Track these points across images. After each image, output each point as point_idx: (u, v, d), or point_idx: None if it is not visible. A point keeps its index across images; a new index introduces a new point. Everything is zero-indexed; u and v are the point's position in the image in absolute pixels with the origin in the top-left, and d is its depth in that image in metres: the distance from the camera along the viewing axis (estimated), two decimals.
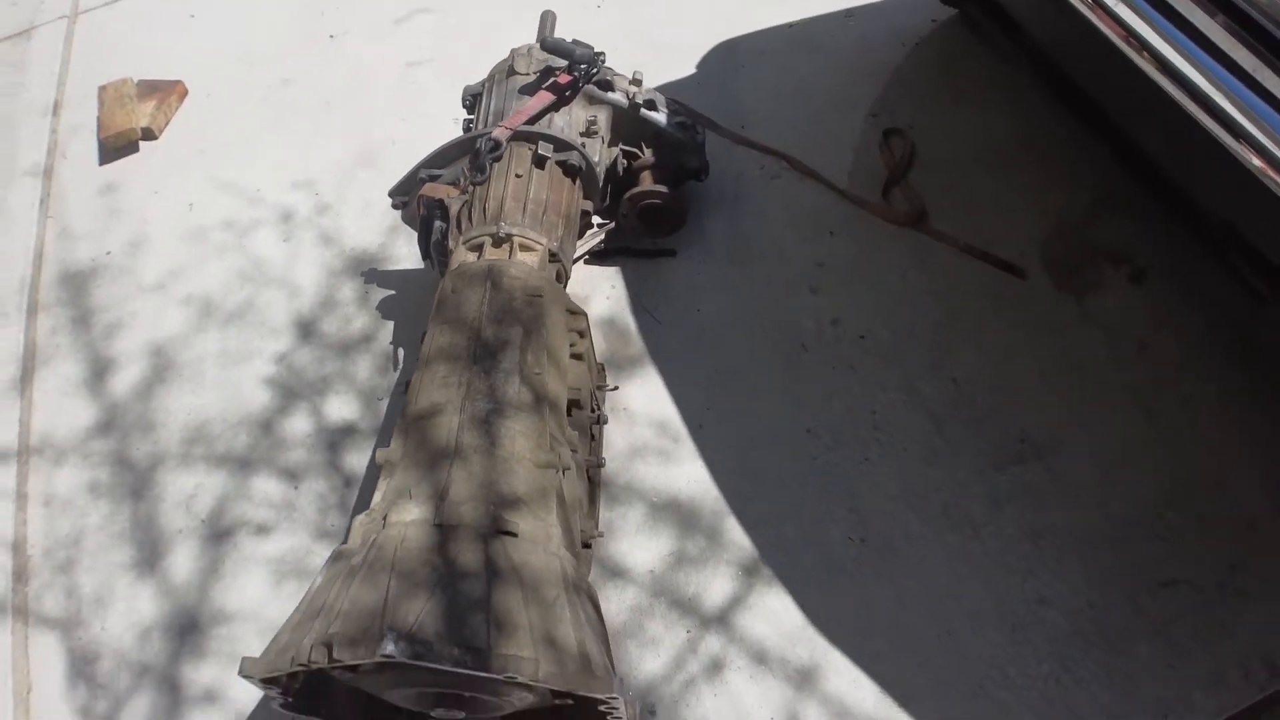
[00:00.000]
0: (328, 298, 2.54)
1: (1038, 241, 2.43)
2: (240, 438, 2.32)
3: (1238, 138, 1.46)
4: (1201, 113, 1.51)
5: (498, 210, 1.98)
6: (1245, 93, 1.47)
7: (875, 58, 2.98)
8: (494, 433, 1.61)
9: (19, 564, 2.20)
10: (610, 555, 2.00)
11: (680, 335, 2.34)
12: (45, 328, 2.63)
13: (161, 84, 3.12)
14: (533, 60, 2.27)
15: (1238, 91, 1.49)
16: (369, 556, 1.46)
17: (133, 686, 1.98)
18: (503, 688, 1.42)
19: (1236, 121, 1.47)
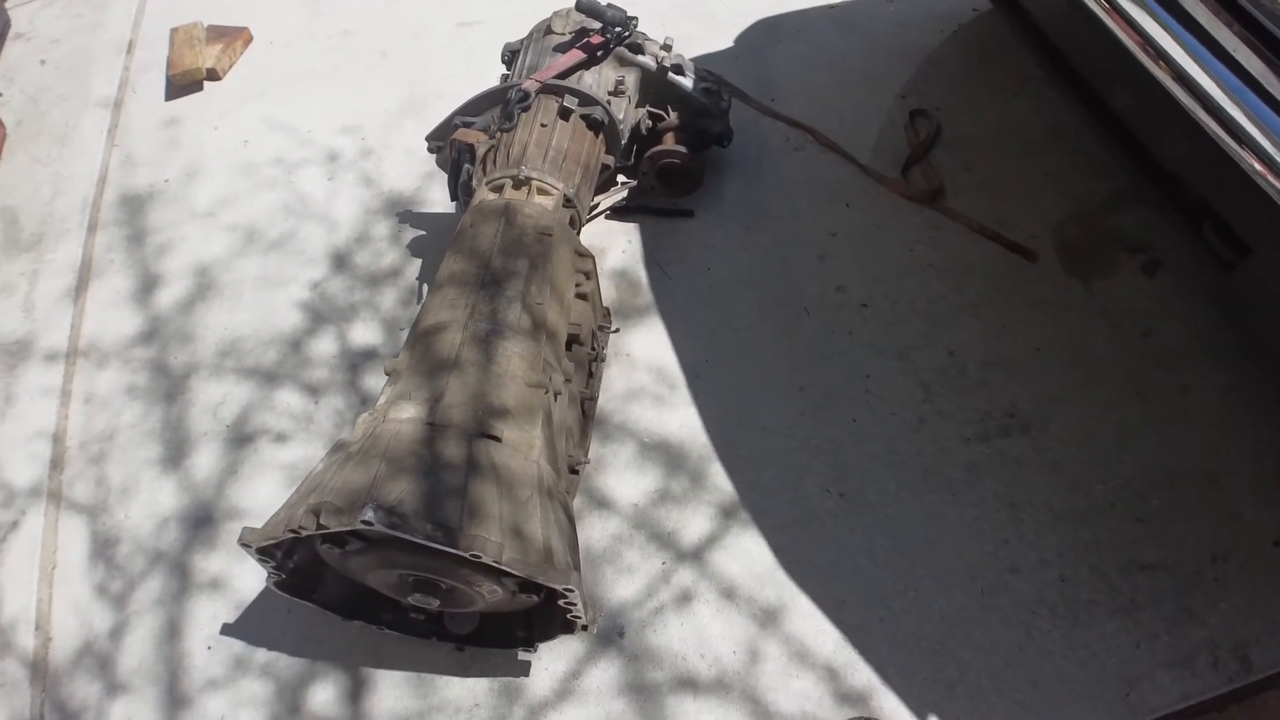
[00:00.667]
0: (363, 234, 2.69)
1: (1052, 226, 2.49)
2: (270, 354, 2.47)
3: (1239, 141, 1.51)
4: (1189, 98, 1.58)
5: (520, 155, 2.11)
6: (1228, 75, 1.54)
7: (912, 41, 3.06)
8: (492, 350, 1.73)
9: (57, 453, 2.38)
10: (598, 487, 2.12)
11: (688, 291, 2.45)
12: (102, 244, 2.82)
13: (229, 29, 3.30)
14: (569, 21, 2.39)
15: (1224, 77, 1.55)
16: (365, 445, 1.59)
17: (146, 570, 2.14)
18: (474, 577, 1.55)
19: (1231, 116, 1.52)
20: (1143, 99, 1.70)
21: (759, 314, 2.39)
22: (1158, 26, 1.65)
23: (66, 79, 3.39)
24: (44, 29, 3.65)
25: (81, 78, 3.37)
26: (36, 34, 3.64)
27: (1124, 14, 1.69)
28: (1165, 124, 1.67)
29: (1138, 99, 1.78)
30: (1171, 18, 1.63)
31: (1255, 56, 1.49)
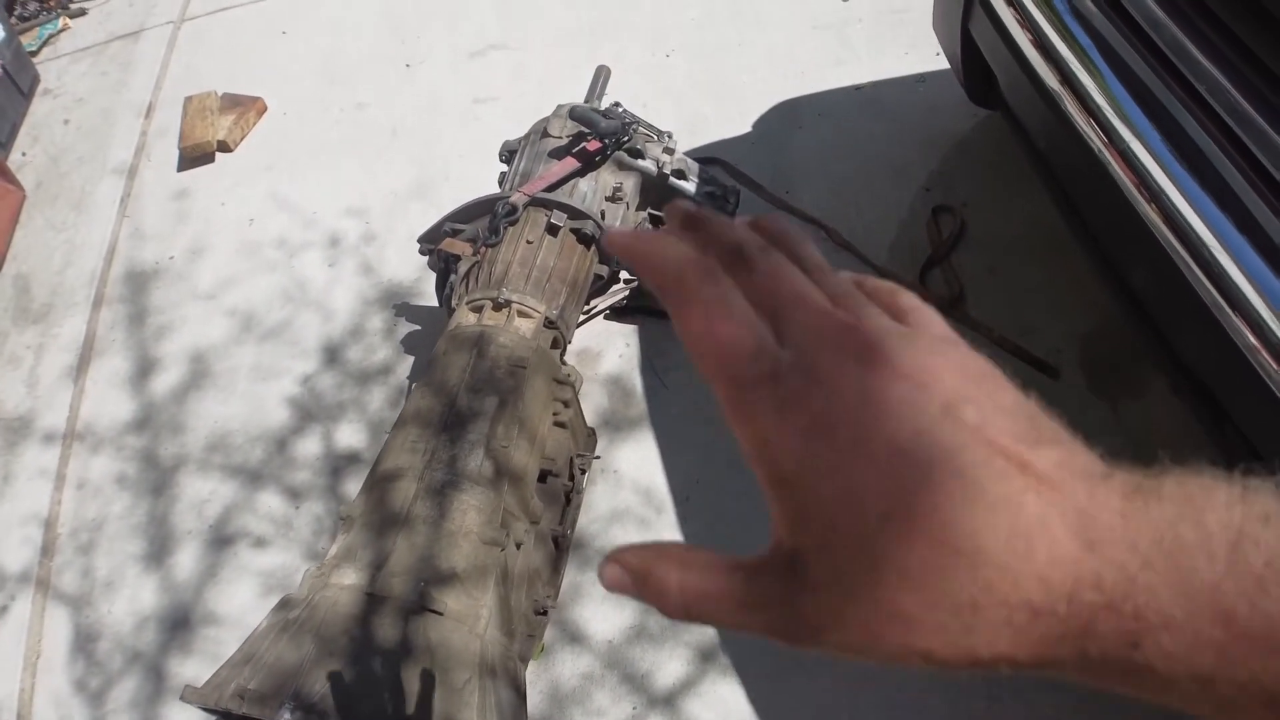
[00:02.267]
0: (358, 326, 2.64)
1: (1079, 338, 2.35)
2: (256, 451, 2.43)
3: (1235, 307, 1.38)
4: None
5: (502, 275, 2.03)
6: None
7: (941, 127, 2.92)
8: (446, 505, 1.66)
9: (48, 539, 2.38)
10: (572, 619, 2.03)
11: (684, 402, 2.35)
12: (106, 321, 2.81)
13: (243, 99, 3.28)
14: (566, 124, 2.31)
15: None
16: (302, 615, 1.53)
17: (124, 669, 2.12)
18: None
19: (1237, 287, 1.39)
20: (1142, 258, 1.56)
21: None
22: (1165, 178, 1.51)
23: (87, 140, 3.41)
24: (71, 86, 3.69)
25: (102, 140, 3.38)
26: (64, 90, 3.68)
27: (1122, 151, 1.55)
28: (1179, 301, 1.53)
29: (1140, 263, 1.64)
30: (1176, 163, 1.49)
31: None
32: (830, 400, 0.32)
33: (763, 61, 3.20)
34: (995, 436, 0.31)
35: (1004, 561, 0.30)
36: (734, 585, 0.35)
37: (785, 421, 0.32)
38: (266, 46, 3.65)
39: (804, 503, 0.32)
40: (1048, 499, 0.30)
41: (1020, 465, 0.30)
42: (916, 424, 0.31)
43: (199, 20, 3.82)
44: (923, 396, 0.32)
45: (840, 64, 3.14)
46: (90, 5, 4.11)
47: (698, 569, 0.36)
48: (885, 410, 0.31)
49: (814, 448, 0.32)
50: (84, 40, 3.93)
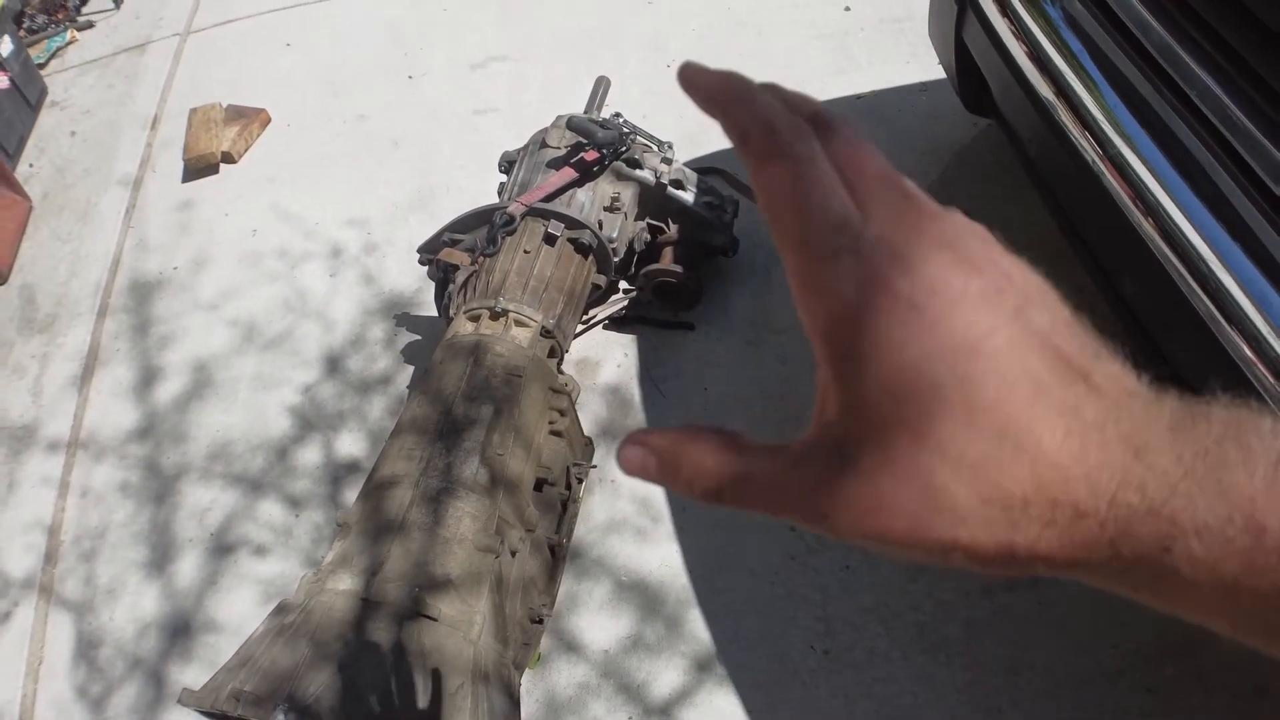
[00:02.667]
0: (358, 336, 2.65)
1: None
2: (257, 460, 2.44)
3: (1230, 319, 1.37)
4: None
5: (499, 284, 2.04)
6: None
7: (942, 135, 2.92)
8: (441, 511, 1.66)
9: (51, 546, 2.40)
10: (569, 628, 2.03)
11: (683, 411, 2.35)
12: (110, 331, 2.83)
13: (247, 110, 3.31)
14: (565, 134, 2.32)
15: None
16: (298, 619, 1.53)
17: (124, 676, 2.13)
18: None
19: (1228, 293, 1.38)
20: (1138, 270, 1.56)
21: None
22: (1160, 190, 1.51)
23: (93, 152, 3.44)
24: (78, 98, 3.72)
25: (107, 152, 3.41)
26: (71, 103, 3.71)
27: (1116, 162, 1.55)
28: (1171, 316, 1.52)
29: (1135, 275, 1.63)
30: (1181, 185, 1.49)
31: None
32: (915, 285, 0.32)
33: (764, 71, 3.17)
34: (1060, 344, 0.32)
35: (1058, 461, 0.30)
36: (775, 467, 0.34)
37: (863, 299, 0.32)
38: (270, 59, 3.68)
39: (868, 384, 0.32)
40: (1103, 408, 0.31)
41: (1082, 374, 0.31)
42: (993, 321, 0.32)
43: (204, 33, 3.86)
44: (999, 295, 0.32)
45: (841, 73, 3.15)
46: (97, 18, 4.15)
47: (735, 450, 0.35)
48: (965, 303, 0.32)
49: (890, 329, 0.32)
50: (91, 53, 3.97)
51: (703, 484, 0.35)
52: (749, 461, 0.35)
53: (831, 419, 0.34)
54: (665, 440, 0.36)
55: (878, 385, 0.32)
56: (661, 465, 0.36)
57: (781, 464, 0.34)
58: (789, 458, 0.34)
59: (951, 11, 2.10)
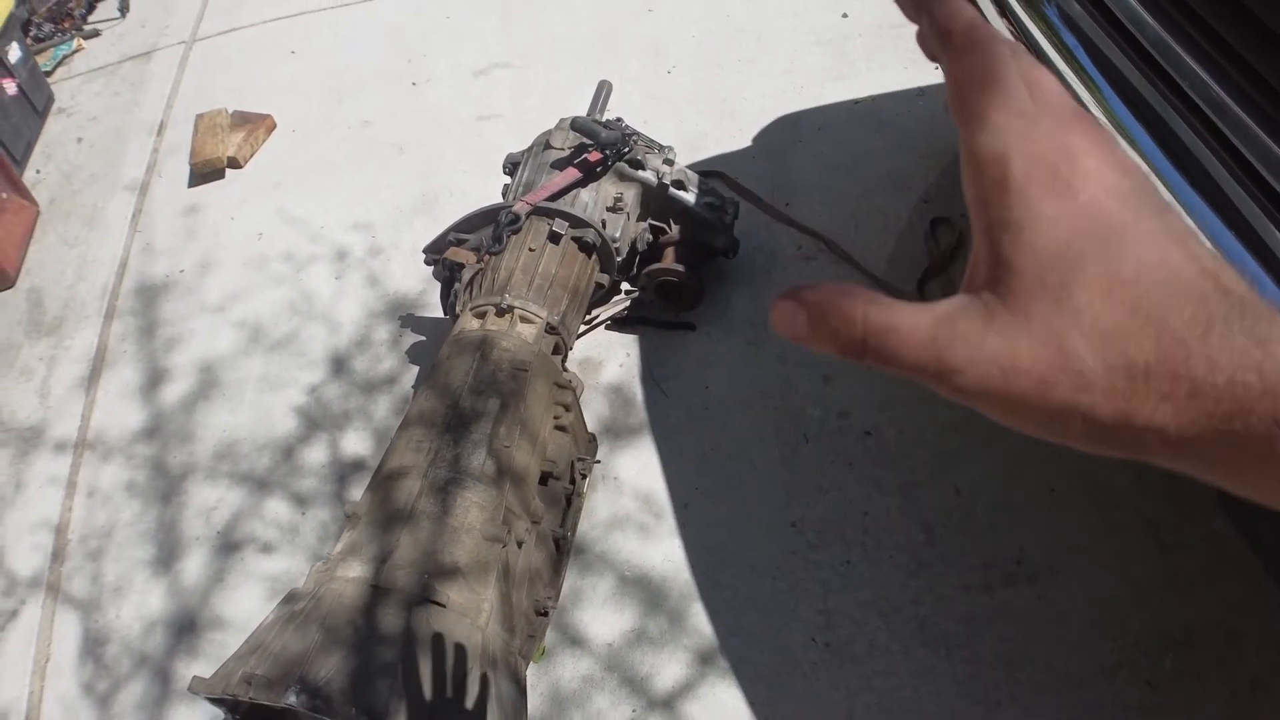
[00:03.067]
0: (364, 337, 2.68)
1: None
2: (263, 459, 2.47)
3: None
4: None
5: (505, 281, 2.07)
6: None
7: (941, 138, 2.96)
8: (449, 501, 1.69)
9: (59, 545, 2.42)
10: (572, 623, 2.05)
11: (684, 410, 2.38)
12: (117, 333, 2.86)
13: (253, 116, 3.34)
14: (569, 136, 2.35)
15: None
16: (308, 606, 1.55)
17: (131, 673, 2.15)
18: None
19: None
20: None
21: (755, 439, 2.31)
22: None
23: (100, 158, 3.47)
24: (85, 105, 3.76)
25: (114, 158, 3.45)
26: (78, 110, 3.75)
27: None
28: None
29: None
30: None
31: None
32: (1074, 171, 0.36)
33: (763, 77, 3.25)
34: (1193, 247, 0.35)
35: (1183, 338, 0.33)
36: (920, 320, 0.37)
37: (1030, 174, 0.36)
38: (275, 66, 3.72)
39: (1021, 250, 0.35)
40: (1229, 303, 0.34)
41: (1211, 274, 0.34)
42: (1138, 213, 0.35)
43: (210, 40, 3.90)
44: (1144, 195, 0.36)
45: (840, 79, 3.19)
46: (103, 27, 4.20)
47: (885, 305, 0.37)
48: (1117, 195, 0.35)
49: (1047, 204, 0.35)
50: (97, 60, 4.02)
51: (849, 333, 0.37)
52: (895, 314, 0.37)
53: (979, 284, 0.37)
54: (816, 294, 0.38)
55: (1029, 252, 0.35)
56: (811, 318, 0.38)
57: (926, 318, 0.37)
58: (934, 313, 0.37)
59: None
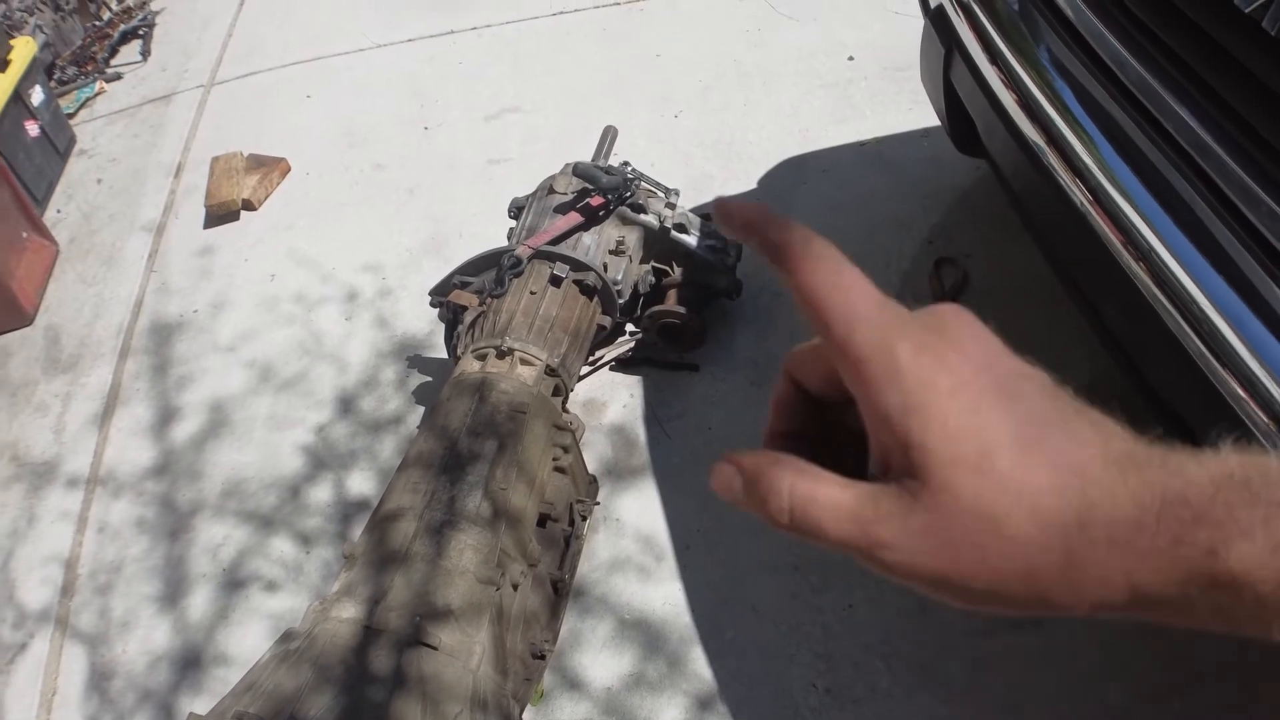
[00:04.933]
0: (371, 378, 2.71)
1: (1080, 389, 2.35)
2: (270, 498, 2.49)
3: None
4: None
5: (506, 324, 2.10)
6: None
7: (944, 180, 2.97)
8: (444, 543, 1.70)
9: (68, 579, 2.44)
10: (571, 665, 2.05)
11: (686, 452, 2.39)
12: (130, 371, 2.90)
13: (267, 159, 3.41)
14: (572, 181, 2.39)
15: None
16: (302, 645, 1.57)
17: (135, 707, 2.16)
18: None
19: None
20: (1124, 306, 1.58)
21: None
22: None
23: (119, 199, 3.54)
24: (105, 147, 3.85)
25: (132, 198, 3.52)
26: (99, 151, 3.83)
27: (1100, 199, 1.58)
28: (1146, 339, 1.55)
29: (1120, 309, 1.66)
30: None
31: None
32: (951, 341, 0.38)
33: (768, 120, 3.28)
34: (1072, 401, 0.38)
35: (1104, 481, 0.35)
36: (847, 496, 0.38)
37: (919, 352, 0.38)
38: (291, 110, 3.80)
39: (936, 424, 0.36)
40: (1126, 443, 0.36)
41: (1096, 421, 0.37)
42: (1026, 384, 0.38)
43: (227, 84, 3.99)
44: (1024, 371, 0.39)
45: (844, 121, 3.22)
46: (125, 70, 4.30)
47: (812, 477, 0.39)
48: (996, 353, 0.39)
49: (946, 376, 0.37)
50: (118, 103, 4.11)
51: (775, 502, 0.38)
52: (820, 486, 0.38)
53: (895, 471, 0.37)
54: (751, 461, 0.40)
55: (940, 430, 0.36)
56: (745, 484, 0.40)
57: (850, 494, 0.38)
58: (857, 490, 0.38)
59: (939, 55, 2.16)
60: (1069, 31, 1.74)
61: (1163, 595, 0.35)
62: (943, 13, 2.11)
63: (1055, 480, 0.35)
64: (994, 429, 0.36)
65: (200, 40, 4.41)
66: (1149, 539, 0.34)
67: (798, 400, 0.45)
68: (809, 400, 0.45)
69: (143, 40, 4.47)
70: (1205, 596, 0.34)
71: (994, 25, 1.90)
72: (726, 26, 3.76)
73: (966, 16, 2.00)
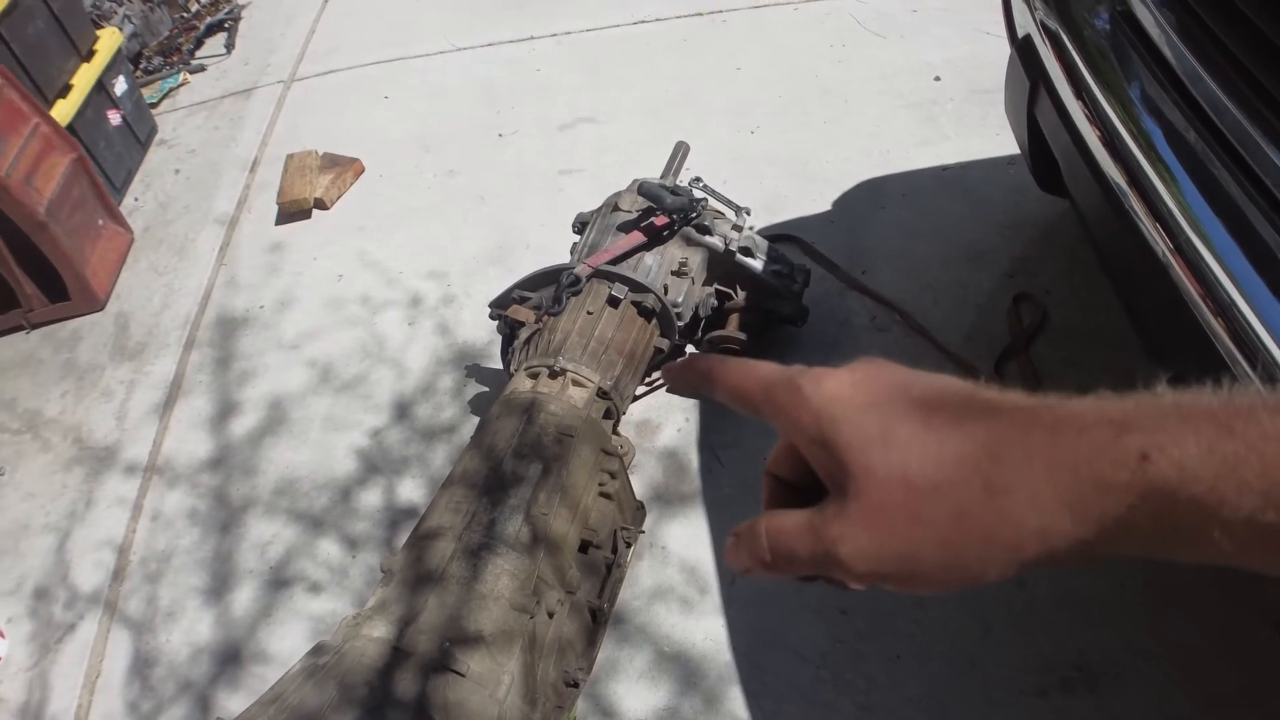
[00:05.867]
0: (429, 385, 2.70)
1: None
2: (321, 499, 2.49)
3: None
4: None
5: (560, 344, 2.06)
6: None
7: (1029, 210, 2.85)
8: (480, 567, 1.67)
9: (120, 565, 2.48)
10: (605, 694, 2.01)
11: (739, 481, 2.33)
12: (194, 363, 2.94)
13: (342, 159, 3.43)
14: (637, 199, 2.35)
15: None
16: (331, 661, 1.55)
17: (173, 697, 2.18)
18: None
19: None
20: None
21: None
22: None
23: (194, 190, 3.61)
24: (185, 138, 3.93)
25: (207, 191, 3.58)
26: (178, 142, 3.91)
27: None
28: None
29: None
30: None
31: None
32: (864, 374, 0.44)
33: (847, 140, 3.20)
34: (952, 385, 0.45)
35: (1016, 416, 0.39)
36: (805, 515, 0.43)
37: (822, 383, 0.44)
38: (368, 110, 3.83)
39: (840, 427, 0.42)
40: (1057, 397, 0.41)
41: (972, 388, 0.44)
42: (942, 379, 0.44)
43: (307, 81, 4.04)
44: (935, 374, 0.44)
45: (927, 144, 3.12)
46: (209, 62, 4.39)
47: (781, 514, 0.45)
48: (905, 374, 0.44)
49: (852, 394, 0.43)
50: (200, 95, 4.20)
51: (760, 545, 0.45)
52: (788, 518, 0.44)
53: (835, 478, 0.43)
54: (744, 524, 0.46)
55: (848, 429, 0.42)
56: (739, 540, 0.47)
57: (808, 514, 0.43)
58: (815, 507, 0.43)
59: (1024, 88, 2.07)
60: (1162, 69, 1.65)
61: (1099, 509, 0.36)
62: (1030, 43, 2.02)
63: (958, 430, 0.39)
64: (893, 408, 0.41)
65: (283, 36, 4.49)
66: (1070, 449, 0.36)
67: (781, 493, 0.50)
68: (792, 491, 0.49)
69: (228, 34, 4.56)
70: (1143, 506, 0.35)
71: (1082, 57, 1.81)
72: (810, 41, 3.69)
73: (1054, 46, 1.91)
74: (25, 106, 3.03)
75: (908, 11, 3.73)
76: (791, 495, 0.48)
